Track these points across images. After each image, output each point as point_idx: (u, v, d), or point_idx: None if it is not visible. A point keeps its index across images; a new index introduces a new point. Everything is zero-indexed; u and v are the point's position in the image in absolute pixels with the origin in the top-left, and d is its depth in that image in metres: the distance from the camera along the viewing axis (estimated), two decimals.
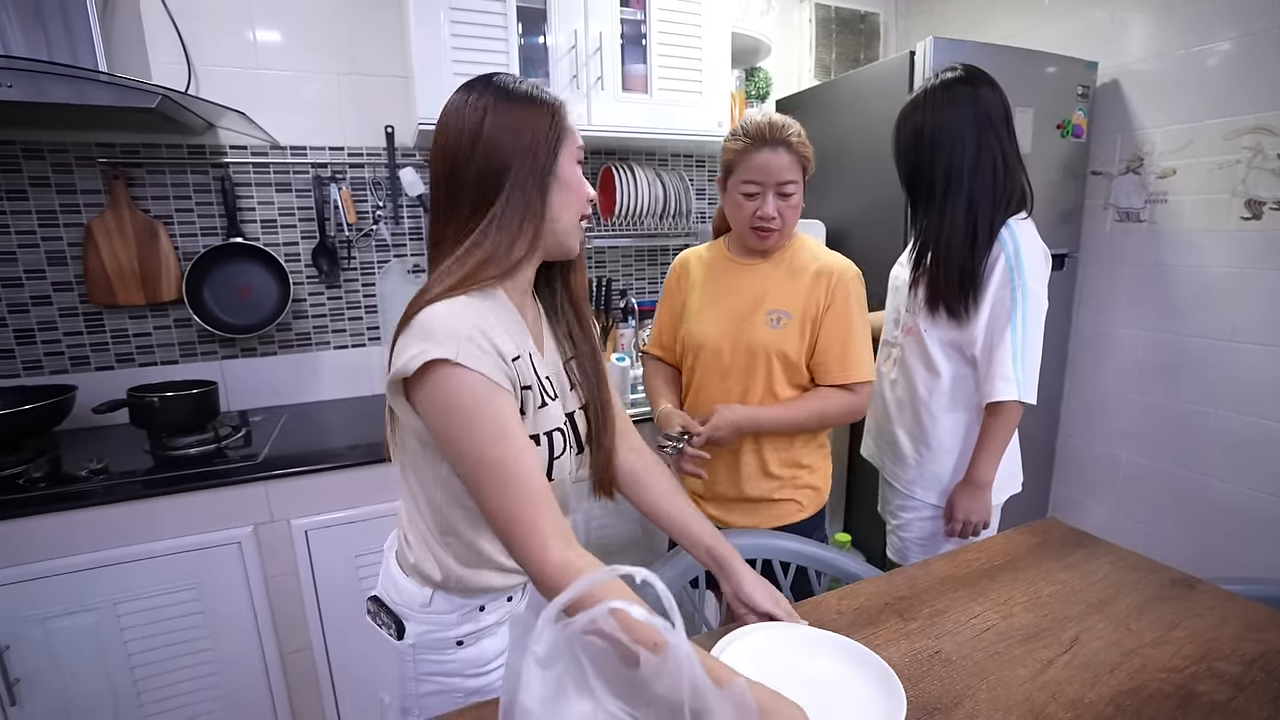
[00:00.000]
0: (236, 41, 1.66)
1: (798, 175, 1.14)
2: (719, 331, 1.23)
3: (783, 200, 1.14)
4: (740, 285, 1.23)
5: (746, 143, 1.13)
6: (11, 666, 1.21)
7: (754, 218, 1.15)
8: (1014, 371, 1.19)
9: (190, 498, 1.31)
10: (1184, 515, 1.85)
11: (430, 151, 0.78)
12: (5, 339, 1.58)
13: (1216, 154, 1.69)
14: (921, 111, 1.24)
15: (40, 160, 1.55)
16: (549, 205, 0.76)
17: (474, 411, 0.67)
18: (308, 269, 1.82)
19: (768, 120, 1.13)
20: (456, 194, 0.74)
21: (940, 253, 1.23)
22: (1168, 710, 0.71)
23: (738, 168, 1.15)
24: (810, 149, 1.16)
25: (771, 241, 1.19)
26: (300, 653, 1.45)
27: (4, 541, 1.20)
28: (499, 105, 0.74)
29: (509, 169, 0.73)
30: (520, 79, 0.78)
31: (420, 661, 0.82)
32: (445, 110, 0.77)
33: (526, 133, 0.73)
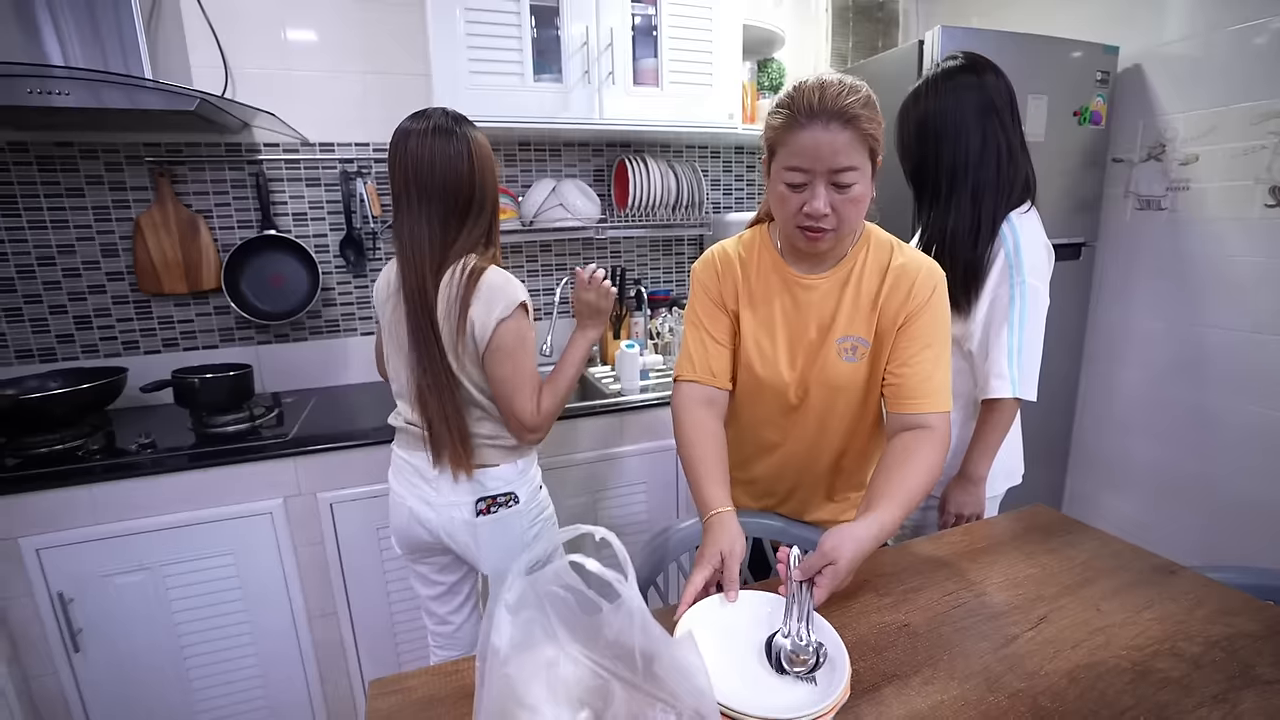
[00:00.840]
0: (269, 44, 1.76)
1: (861, 160, 0.86)
2: (788, 372, 1.02)
3: (839, 193, 0.87)
4: (801, 304, 1.00)
5: (788, 116, 0.86)
6: (75, 618, 1.35)
7: (800, 214, 0.89)
8: (1010, 369, 1.17)
9: (227, 470, 1.42)
10: (1202, 510, 1.82)
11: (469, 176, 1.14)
12: (66, 324, 1.73)
13: (1241, 139, 1.64)
14: (924, 101, 1.22)
15: (95, 160, 1.68)
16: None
17: (525, 335, 1.15)
18: (336, 259, 1.93)
19: (820, 85, 0.85)
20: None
21: (945, 246, 1.21)
22: (1120, 683, 0.74)
23: (780, 149, 0.89)
24: (880, 122, 0.88)
25: (825, 244, 0.93)
26: (327, 617, 1.57)
27: (67, 506, 1.33)
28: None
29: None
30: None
31: (530, 513, 1.24)
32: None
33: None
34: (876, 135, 0.88)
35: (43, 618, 1.34)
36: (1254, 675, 0.75)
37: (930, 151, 1.22)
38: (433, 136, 1.11)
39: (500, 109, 1.69)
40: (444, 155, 1.11)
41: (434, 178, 1.11)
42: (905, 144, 1.27)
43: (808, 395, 1.04)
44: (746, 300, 1.04)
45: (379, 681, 0.78)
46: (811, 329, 1.01)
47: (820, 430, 1.06)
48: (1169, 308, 1.86)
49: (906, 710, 0.71)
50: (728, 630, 0.76)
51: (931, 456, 0.93)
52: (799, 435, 1.08)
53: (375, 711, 0.73)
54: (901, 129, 1.27)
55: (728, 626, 0.76)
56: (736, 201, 2.37)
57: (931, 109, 1.21)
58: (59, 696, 1.39)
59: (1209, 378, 1.78)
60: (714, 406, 1.05)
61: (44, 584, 1.33)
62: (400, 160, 1.12)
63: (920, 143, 1.24)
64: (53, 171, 1.65)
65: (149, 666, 1.43)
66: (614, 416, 1.75)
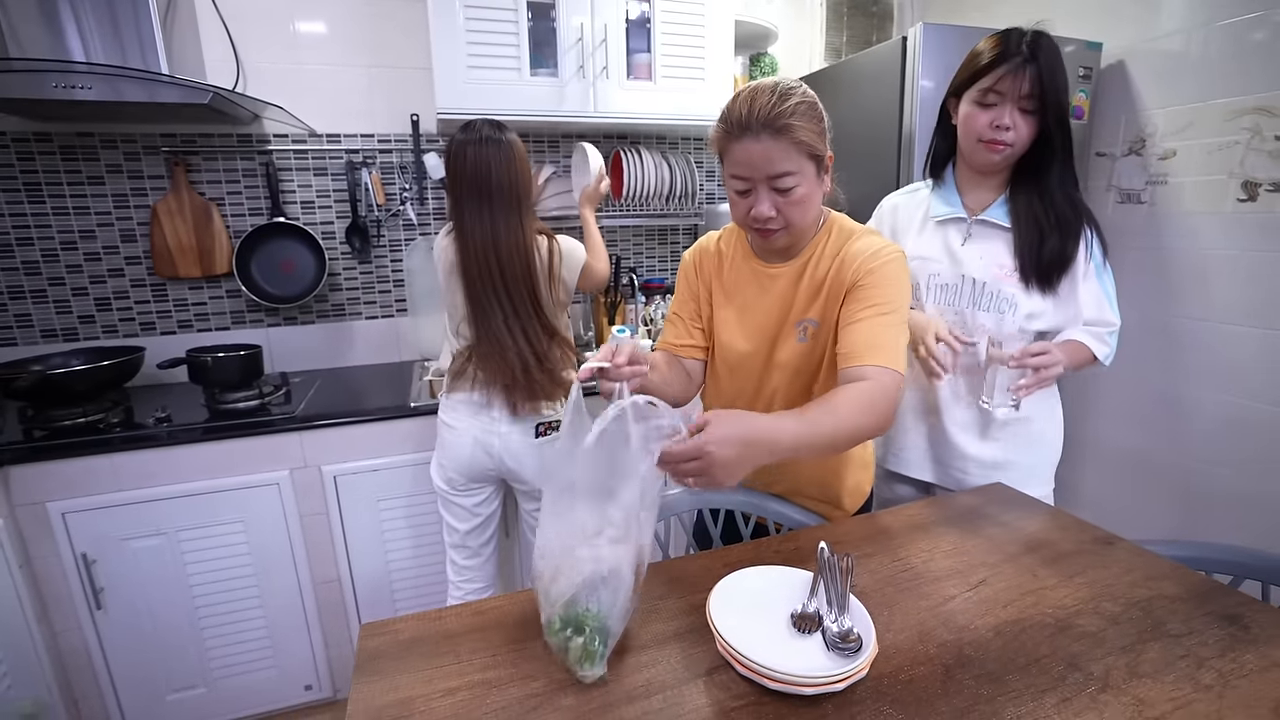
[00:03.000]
0: (278, 39, 1.84)
1: (797, 164, 0.90)
2: (749, 349, 1.10)
3: (781, 196, 0.92)
4: (766, 293, 1.08)
5: (724, 128, 0.93)
6: (97, 577, 1.46)
7: (748, 217, 0.97)
8: (1111, 339, 1.23)
9: (237, 443, 1.52)
10: (1176, 496, 1.88)
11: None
12: (87, 306, 1.83)
13: (1216, 135, 1.68)
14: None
15: (114, 150, 1.77)
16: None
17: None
18: (342, 246, 2.01)
19: (750, 97, 0.90)
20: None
21: (1056, 209, 1.19)
22: (1040, 636, 0.81)
23: (725, 158, 0.96)
24: (817, 127, 0.92)
25: (778, 241, 1.00)
26: (330, 583, 1.66)
27: (89, 474, 1.43)
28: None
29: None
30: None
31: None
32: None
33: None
34: (812, 140, 0.91)
35: (68, 577, 1.45)
36: (1164, 630, 0.81)
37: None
38: (484, 146, 1.38)
39: (498, 102, 1.76)
40: (496, 160, 1.38)
41: (491, 179, 1.38)
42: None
43: (770, 379, 1.11)
44: (720, 289, 1.13)
45: (369, 625, 0.87)
46: (774, 316, 1.08)
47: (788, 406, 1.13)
48: (1146, 299, 1.90)
49: None
50: (755, 600, 0.81)
51: (854, 392, 0.89)
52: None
53: (364, 649, 0.82)
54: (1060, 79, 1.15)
55: (755, 596, 0.82)
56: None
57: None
58: (83, 650, 1.50)
59: (1183, 367, 1.83)
60: (676, 361, 1.19)
61: (69, 545, 1.43)
62: (460, 168, 1.39)
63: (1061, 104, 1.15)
64: (75, 160, 1.75)
65: (165, 624, 1.54)
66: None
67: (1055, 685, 0.72)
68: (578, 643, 0.72)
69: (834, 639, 0.74)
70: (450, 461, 1.49)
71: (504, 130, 1.42)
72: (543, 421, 1.50)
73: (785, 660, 0.70)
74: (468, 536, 1.55)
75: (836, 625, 0.75)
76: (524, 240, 1.41)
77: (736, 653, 0.71)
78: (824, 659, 0.73)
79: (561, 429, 0.80)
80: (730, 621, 0.75)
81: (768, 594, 0.83)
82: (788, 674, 0.68)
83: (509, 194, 1.39)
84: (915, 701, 0.71)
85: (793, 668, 0.69)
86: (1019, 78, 1.12)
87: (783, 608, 0.81)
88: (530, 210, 1.46)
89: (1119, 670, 0.75)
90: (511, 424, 1.47)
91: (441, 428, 1.50)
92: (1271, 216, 1.60)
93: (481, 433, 1.46)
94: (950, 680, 0.74)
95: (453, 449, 1.48)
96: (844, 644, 0.73)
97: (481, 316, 1.42)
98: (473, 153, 1.37)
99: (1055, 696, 0.71)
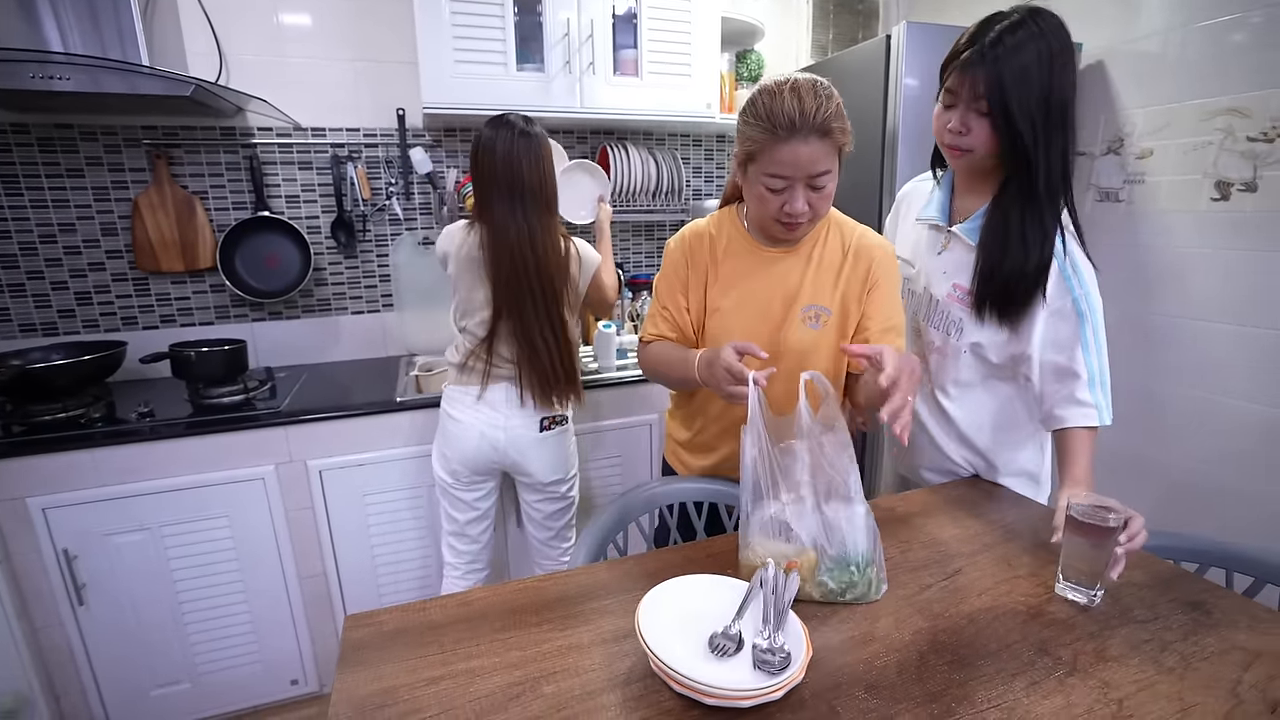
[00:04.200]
0: (263, 31, 1.82)
1: (833, 162, 0.95)
2: (751, 331, 1.09)
3: (814, 192, 0.96)
4: (768, 277, 1.08)
5: (768, 130, 0.92)
6: (79, 573, 1.45)
7: (780, 212, 0.98)
8: (1095, 395, 1.06)
9: (221, 438, 1.51)
10: (1150, 489, 1.92)
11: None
12: (67, 300, 1.81)
13: (1191, 135, 1.71)
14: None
15: (94, 142, 1.75)
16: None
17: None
18: (327, 241, 2.00)
19: (798, 101, 0.90)
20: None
21: (1009, 243, 1.04)
22: (1012, 623, 0.83)
23: (760, 157, 0.96)
24: (848, 125, 0.95)
25: (800, 234, 1.04)
26: (315, 578, 1.66)
27: (70, 469, 1.42)
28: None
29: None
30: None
31: (571, 431, 1.61)
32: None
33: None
34: (845, 140, 0.96)
35: (49, 573, 1.44)
36: (1130, 616, 0.84)
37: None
38: (517, 140, 1.37)
39: (484, 97, 1.76)
40: (528, 156, 1.38)
41: (523, 175, 1.37)
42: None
43: (780, 362, 1.07)
44: (715, 274, 1.12)
45: (354, 616, 0.87)
46: (776, 300, 1.09)
47: (787, 399, 1.12)
48: (1123, 296, 1.93)
49: (820, 643, 0.80)
50: (687, 614, 0.79)
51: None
52: (772, 405, 1.15)
53: (348, 640, 0.82)
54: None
55: (687, 610, 0.79)
56: (717, 188, 2.44)
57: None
58: (64, 646, 1.49)
59: (1158, 363, 1.87)
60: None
61: (50, 541, 1.42)
62: (490, 163, 1.37)
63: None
64: (53, 153, 1.73)
65: (149, 620, 1.53)
66: (591, 393, 1.83)
67: (1025, 670, 0.75)
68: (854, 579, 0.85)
69: (761, 655, 0.72)
70: (454, 453, 1.50)
71: (534, 124, 1.41)
72: (548, 416, 1.52)
73: (711, 673, 0.68)
74: (467, 526, 1.58)
75: (767, 641, 0.73)
76: (555, 239, 1.42)
77: (670, 670, 0.68)
78: (748, 674, 0.71)
79: (750, 436, 0.86)
80: (661, 637, 0.71)
81: (698, 606, 0.80)
82: (722, 688, 0.65)
83: (540, 191, 1.40)
84: (889, 687, 0.72)
85: (719, 680, 0.66)
86: (971, 78, 0.99)
87: (710, 622, 0.78)
88: (556, 208, 1.47)
89: (1086, 654, 0.77)
90: (518, 417, 1.49)
91: (445, 419, 1.50)
92: (1243, 216, 1.63)
93: (487, 426, 1.47)
94: (924, 666, 0.76)
95: (457, 441, 1.49)
96: (769, 659, 0.71)
97: (510, 312, 1.42)
98: (504, 147, 1.36)
99: (1025, 680, 0.73)
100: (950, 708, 0.69)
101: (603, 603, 0.88)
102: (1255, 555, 0.98)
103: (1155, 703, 0.69)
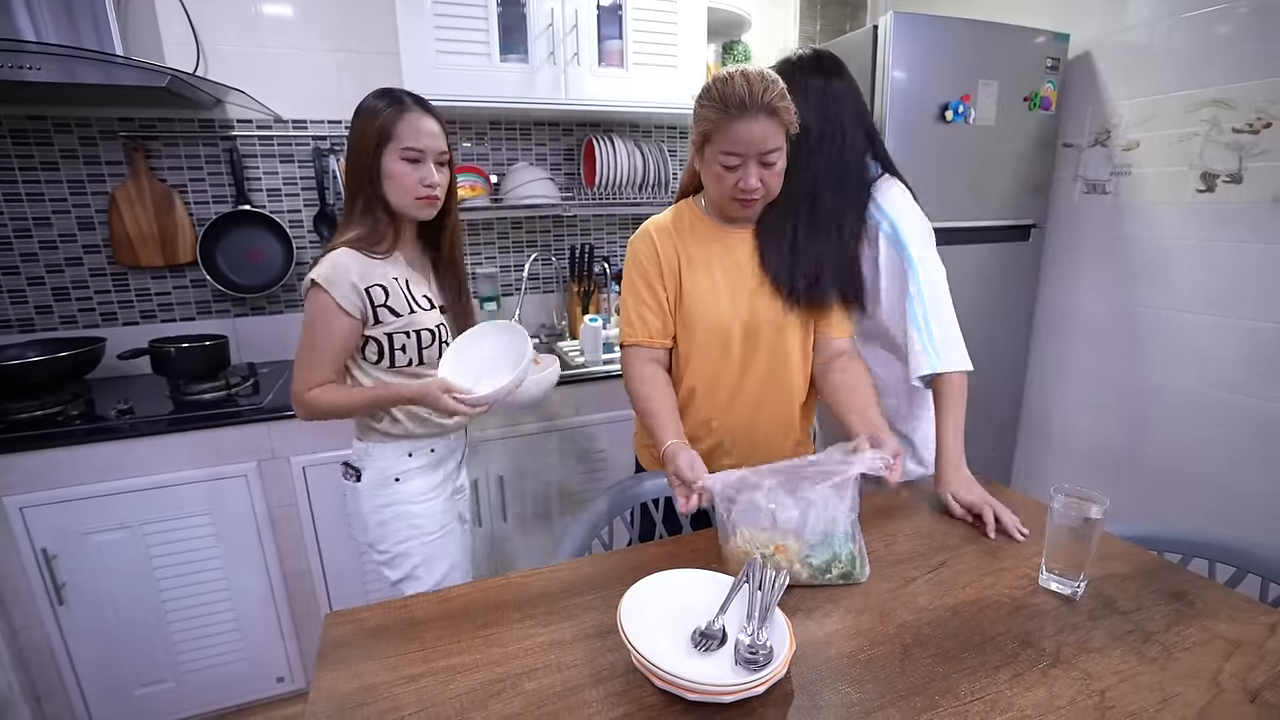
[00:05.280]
0: (240, 21, 1.79)
1: (781, 140, 1.03)
2: (731, 309, 1.13)
3: (766, 169, 1.03)
4: (737, 255, 1.14)
5: (720, 109, 1.00)
6: (59, 572, 1.43)
7: (735, 189, 1.04)
8: (926, 344, 1.14)
9: (202, 435, 1.49)
10: (1136, 478, 1.93)
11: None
12: (44, 296, 1.78)
13: (1176, 126, 1.72)
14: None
15: (68, 134, 1.71)
16: (386, 194, 1.13)
17: (316, 314, 1.11)
18: (310, 235, 1.97)
19: (747, 84, 0.98)
20: (346, 186, 1.18)
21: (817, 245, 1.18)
22: (996, 616, 0.83)
23: (715, 137, 1.02)
24: (792, 107, 1.03)
25: (755, 210, 1.11)
26: (301, 575, 1.65)
27: (48, 467, 1.40)
28: (355, 117, 1.13)
29: (355, 171, 1.14)
30: (389, 90, 1.15)
31: (374, 498, 1.22)
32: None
33: (358, 142, 1.12)
34: (791, 121, 1.03)
35: (28, 572, 1.42)
36: (1114, 607, 0.84)
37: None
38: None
39: (468, 88, 1.73)
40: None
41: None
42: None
43: (757, 336, 1.14)
44: (687, 262, 1.15)
45: (334, 614, 0.86)
46: (749, 274, 1.13)
47: (770, 369, 1.16)
48: (1110, 288, 1.94)
49: (804, 637, 0.79)
50: (671, 608, 0.79)
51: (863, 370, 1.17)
52: (753, 383, 1.17)
53: (328, 638, 0.81)
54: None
55: (671, 605, 0.79)
56: None
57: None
58: (45, 647, 1.47)
59: (1145, 355, 1.88)
60: (658, 362, 1.19)
61: (28, 540, 1.40)
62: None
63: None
64: (26, 145, 1.69)
65: (132, 620, 1.51)
66: (577, 387, 1.82)
67: (1008, 662, 0.75)
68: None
69: (744, 650, 0.71)
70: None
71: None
72: (345, 460, 1.27)
73: (693, 668, 0.69)
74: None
75: (750, 636, 0.72)
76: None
77: (653, 666, 0.67)
78: (730, 669, 0.71)
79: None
80: (643, 633, 0.71)
81: (678, 603, 0.80)
82: (703, 684, 0.65)
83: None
84: (873, 680, 0.72)
85: (700, 675, 0.66)
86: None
87: (693, 617, 0.78)
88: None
89: (1069, 646, 0.77)
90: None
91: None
92: (1227, 207, 1.64)
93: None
94: (908, 659, 0.75)
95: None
96: (752, 657, 0.70)
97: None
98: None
99: (1008, 672, 0.73)
100: (933, 700, 0.69)
101: (586, 598, 0.88)
102: (1237, 545, 0.98)
103: (1137, 693, 0.69)
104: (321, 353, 1.13)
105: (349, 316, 1.11)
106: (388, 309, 1.14)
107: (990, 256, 1.99)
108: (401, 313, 1.16)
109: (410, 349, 1.18)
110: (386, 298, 1.14)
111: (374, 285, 1.12)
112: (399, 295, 1.16)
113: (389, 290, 1.14)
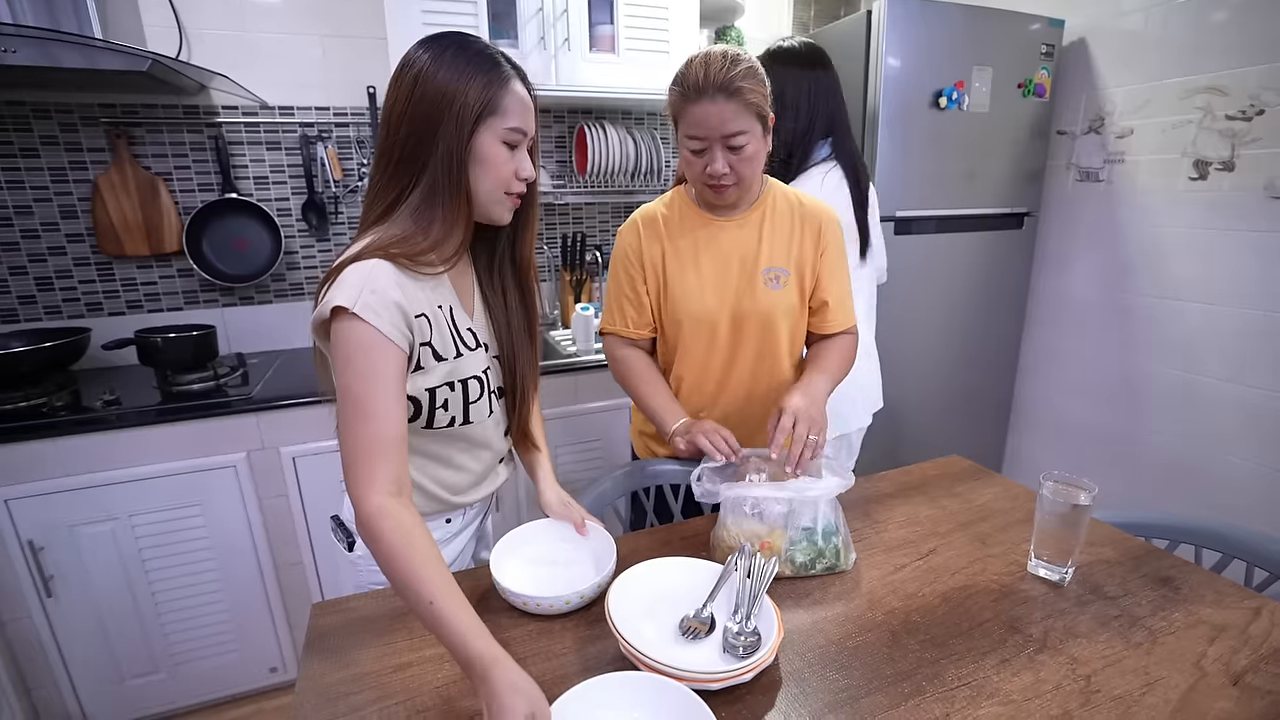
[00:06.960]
0: (224, 4, 1.75)
1: (749, 124, 0.97)
2: (716, 301, 1.11)
3: (733, 154, 0.99)
4: (726, 244, 1.12)
5: (680, 92, 0.98)
6: (46, 565, 1.41)
7: (704, 174, 1.02)
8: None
9: (190, 426, 1.47)
10: (1127, 466, 1.95)
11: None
12: (27, 286, 1.75)
13: (1170, 114, 1.71)
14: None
15: (48, 120, 1.68)
16: (467, 182, 0.78)
17: (354, 351, 0.72)
18: (298, 223, 1.95)
19: (705, 66, 0.95)
20: (386, 167, 0.78)
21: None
22: (985, 601, 0.84)
23: (680, 120, 1.01)
24: (764, 89, 0.99)
25: (730, 197, 1.07)
26: (293, 567, 1.64)
27: (34, 459, 1.38)
28: (429, 75, 0.75)
29: (427, 148, 0.76)
30: (474, 42, 0.78)
31: (369, 572, 0.93)
32: (395, 69, 0.79)
33: (431, 112, 0.75)
34: (760, 102, 0.98)
35: (14, 565, 1.40)
36: (1101, 592, 0.85)
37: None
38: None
39: None
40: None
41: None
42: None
43: (744, 326, 1.13)
44: (674, 255, 1.14)
45: (321, 604, 0.85)
46: (735, 265, 1.12)
47: (758, 360, 1.16)
48: (1103, 275, 1.95)
49: (793, 624, 0.80)
50: (660, 596, 0.79)
51: (844, 347, 1.18)
52: (741, 373, 1.16)
53: (315, 628, 0.81)
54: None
55: (660, 593, 0.79)
56: None
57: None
58: (33, 639, 1.46)
59: (1136, 342, 1.89)
60: (638, 347, 1.21)
61: (14, 533, 1.38)
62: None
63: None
64: (5, 131, 1.65)
65: (121, 612, 1.50)
66: (569, 375, 1.82)
67: (996, 647, 0.75)
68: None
69: (731, 637, 0.72)
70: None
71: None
72: (335, 515, 1.10)
73: (680, 656, 0.69)
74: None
75: (738, 625, 0.73)
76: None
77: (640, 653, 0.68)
78: (718, 657, 0.71)
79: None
80: (631, 620, 0.72)
81: (667, 591, 0.80)
82: (689, 671, 0.65)
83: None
84: (861, 666, 0.72)
85: (687, 663, 0.66)
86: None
87: (682, 605, 0.78)
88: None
89: (1056, 631, 0.77)
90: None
91: None
92: (1220, 195, 1.64)
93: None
94: (896, 645, 0.76)
95: None
96: (740, 642, 0.71)
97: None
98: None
99: (995, 658, 0.73)
100: (920, 686, 0.69)
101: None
102: (1223, 531, 0.99)
103: (1122, 677, 0.69)
104: (382, 417, 0.73)
105: (398, 349, 0.76)
106: (430, 349, 0.82)
107: (983, 244, 1.99)
108: (446, 356, 0.83)
109: (454, 405, 0.85)
110: (430, 334, 0.81)
111: (419, 315, 0.79)
112: (444, 332, 0.83)
113: (433, 324, 0.81)
